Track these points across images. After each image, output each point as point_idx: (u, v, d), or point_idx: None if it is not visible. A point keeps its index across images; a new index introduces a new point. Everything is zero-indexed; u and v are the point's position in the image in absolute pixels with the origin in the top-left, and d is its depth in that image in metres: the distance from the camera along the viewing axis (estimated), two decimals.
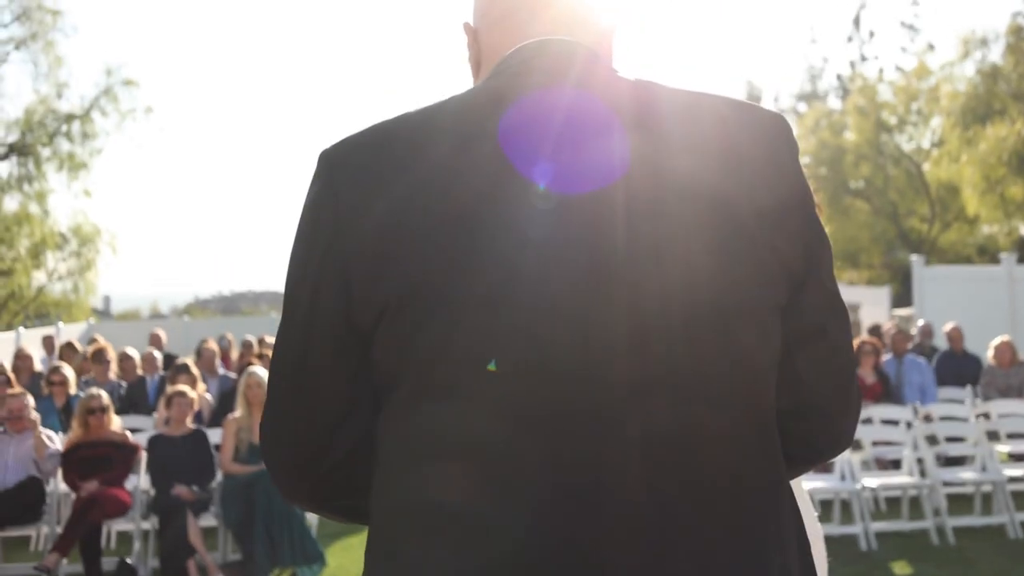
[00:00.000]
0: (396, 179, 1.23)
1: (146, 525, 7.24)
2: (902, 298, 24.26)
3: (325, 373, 1.26)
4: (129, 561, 7.02)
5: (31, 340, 16.82)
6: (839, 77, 40.33)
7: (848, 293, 23.22)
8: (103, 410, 7.19)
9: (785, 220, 1.27)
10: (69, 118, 23.66)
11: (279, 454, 1.33)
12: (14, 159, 23.37)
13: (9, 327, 22.19)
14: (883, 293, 23.09)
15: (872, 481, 7.68)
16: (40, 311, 25.99)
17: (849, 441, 1.44)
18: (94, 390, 7.45)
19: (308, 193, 1.30)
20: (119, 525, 7.58)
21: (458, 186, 1.21)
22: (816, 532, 2.21)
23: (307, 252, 1.27)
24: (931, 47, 33.72)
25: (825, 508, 8.22)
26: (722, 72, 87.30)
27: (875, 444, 8.49)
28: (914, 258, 18.08)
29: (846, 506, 7.74)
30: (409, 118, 1.29)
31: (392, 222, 1.21)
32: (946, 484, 7.90)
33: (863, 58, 38.77)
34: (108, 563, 6.97)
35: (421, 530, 1.19)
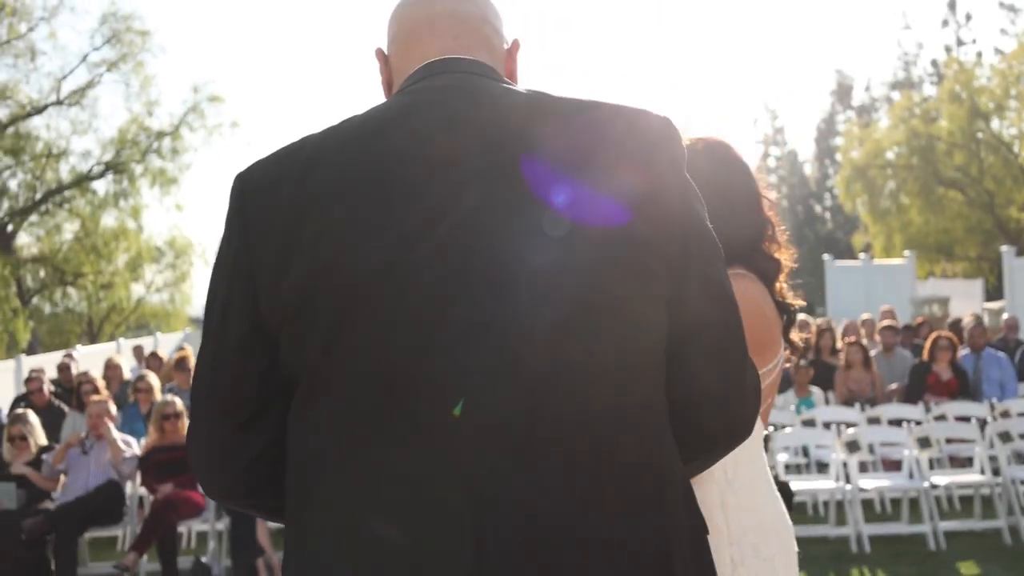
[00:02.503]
0: (296, 195, 1.34)
1: (221, 526, 7.52)
2: (999, 291, 23.45)
3: (234, 374, 1.38)
4: (204, 560, 7.31)
5: (130, 351, 17.48)
6: (934, 63, 39.23)
7: (938, 286, 22.53)
8: (177, 415, 7.51)
9: (660, 217, 1.35)
10: (160, 135, 24.50)
11: (196, 450, 1.45)
12: (110, 176, 24.32)
13: (111, 338, 23.10)
14: (976, 286, 22.34)
15: (941, 479, 7.51)
16: (140, 322, 26.97)
17: (747, 430, 1.48)
18: (169, 396, 7.79)
19: (226, 213, 1.42)
20: (198, 526, 7.89)
21: (357, 199, 1.32)
22: (783, 525, 2.25)
23: (221, 265, 1.40)
24: None
25: (894, 507, 8.07)
26: (810, 61, 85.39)
27: (949, 441, 8.28)
28: (1004, 249, 17.42)
29: (915, 505, 7.59)
30: (313, 137, 1.41)
31: (292, 235, 1.32)
32: (1022, 483, 7.66)
33: (959, 42, 37.60)
34: (184, 561, 7.27)
35: (341, 549, 1.28)
